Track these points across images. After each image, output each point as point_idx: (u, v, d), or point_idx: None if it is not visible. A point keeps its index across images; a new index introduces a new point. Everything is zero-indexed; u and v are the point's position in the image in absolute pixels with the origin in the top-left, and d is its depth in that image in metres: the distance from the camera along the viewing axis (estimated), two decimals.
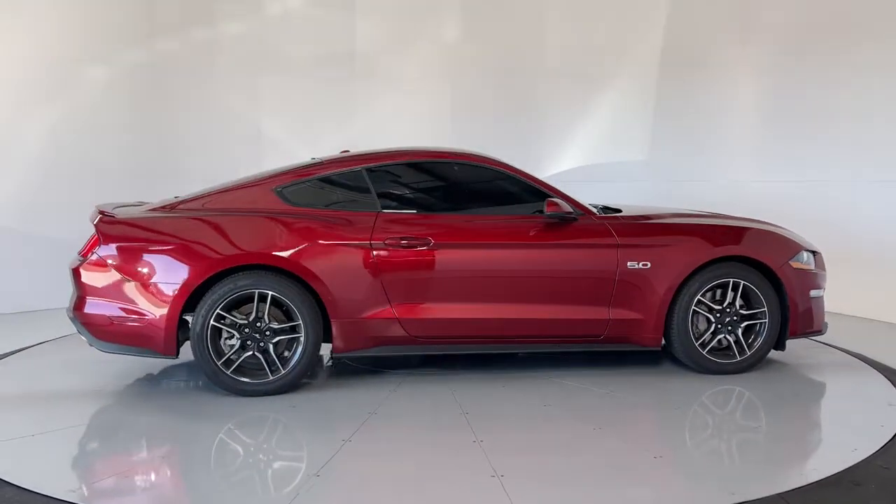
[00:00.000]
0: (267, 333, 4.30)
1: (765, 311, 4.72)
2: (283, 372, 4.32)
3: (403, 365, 5.00)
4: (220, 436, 3.72)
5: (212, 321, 4.23)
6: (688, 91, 7.88)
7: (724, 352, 4.78)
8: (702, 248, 4.68)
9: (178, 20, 7.90)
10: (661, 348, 4.76)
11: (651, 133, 8.13)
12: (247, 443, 3.67)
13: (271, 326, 4.30)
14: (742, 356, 4.75)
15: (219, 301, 4.23)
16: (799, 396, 4.41)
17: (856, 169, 6.73)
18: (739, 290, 4.70)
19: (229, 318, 4.27)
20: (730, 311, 4.72)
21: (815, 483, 3.09)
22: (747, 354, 4.75)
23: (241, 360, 4.29)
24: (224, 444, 3.64)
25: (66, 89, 7.20)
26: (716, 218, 5.07)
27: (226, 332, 4.29)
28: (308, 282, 4.31)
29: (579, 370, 4.83)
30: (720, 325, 4.73)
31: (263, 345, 4.30)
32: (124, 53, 7.58)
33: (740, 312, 4.73)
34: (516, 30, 8.28)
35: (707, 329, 4.74)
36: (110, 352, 4.41)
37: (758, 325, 4.75)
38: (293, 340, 4.35)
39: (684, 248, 4.67)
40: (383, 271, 4.41)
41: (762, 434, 3.81)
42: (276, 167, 4.96)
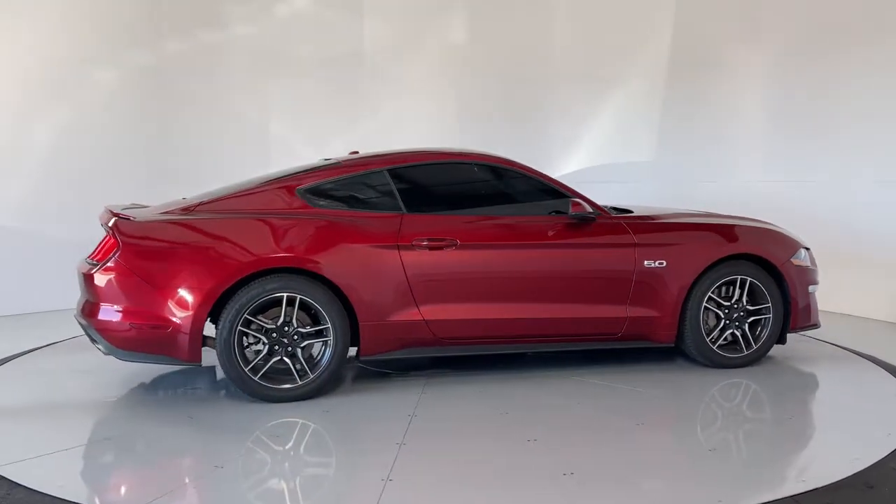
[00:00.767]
0: (295, 338, 4.21)
1: (769, 307, 4.92)
2: (312, 376, 4.24)
3: (410, 367, 4.96)
4: (268, 443, 3.63)
5: (239, 326, 4.11)
6: (695, 92, 7.88)
7: (732, 346, 4.95)
8: (713, 246, 4.84)
9: (186, 22, 7.88)
10: (674, 344, 4.89)
11: (658, 134, 8.14)
12: (300, 450, 3.59)
13: (299, 331, 4.21)
14: (748, 350, 4.93)
15: (247, 305, 4.11)
16: (812, 393, 4.60)
17: (864, 170, 6.69)
18: (746, 286, 4.89)
19: (255, 323, 4.16)
20: (737, 307, 4.90)
21: (828, 486, 3.07)
22: (754, 348, 4.94)
23: (268, 365, 4.18)
24: (281, 452, 3.56)
25: (75, 91, 7.21)
26: (713, 217, 5.24)
27: (251, 337, 4.18)
28: (337, 284, 4.23)
29: (592, 368, 4.90)
30: (728, 321, 4.90)
31: (291, 349, 4.21)
32: (132, 55, 7.58)
33: (747, 308, 4.92)
34: (523, 31, 8.29)
35: (716, 325, 4.90)
36: (129, 360, 4.24)
37: (762, 320, 4.94)
38: (320, 345, 4.27)
39: (697, 247, 4.83)
40: (410, 273, 4.38)
41: (781, 429, 3.93)
42: (289, 167, 4.87)
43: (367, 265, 4.33)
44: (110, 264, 4.10)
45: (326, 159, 5.01)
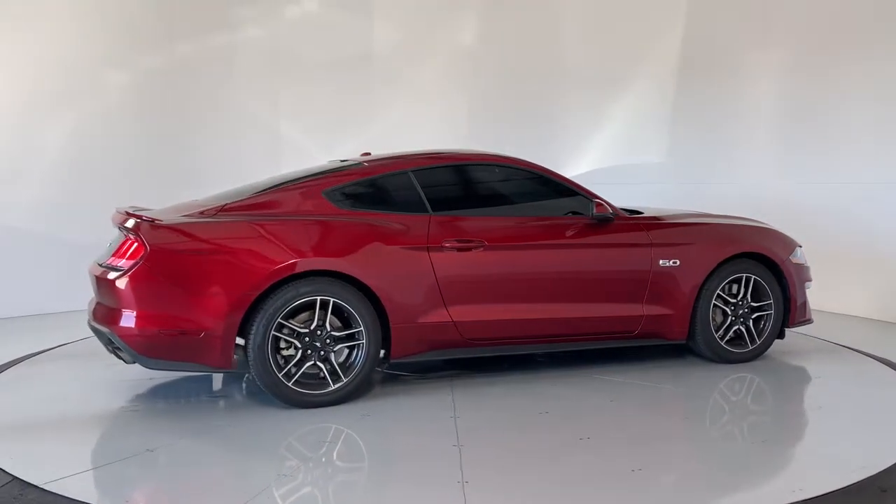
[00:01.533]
0: (328, 342, 4.14)
1: (771, 303, 5.12)
2: (345, 381, 4.17)
3: (421, 369, 4.93)
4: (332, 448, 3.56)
5: (273, 331, 4.02)
6: (706, 93, 7.86)
7: (737, 342, 5.13)
8: (722, 245, 5.01)
9: (196, 25, 7.87)
10: (686, 341, 5.03)
11: (669, 135, 8.15)
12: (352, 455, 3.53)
13: (332, 334, 4.14)
14: (753, 345, 5.12)
15: (281, 309, 4.02)
16: (820, 392, 4.74)
17: (874, 171, 6.66)
18: (751, 284, 5.08)
19: (286, 328, 4.07)
20: (742, 303, 5.09)
21: (840, 490, 3.03)
22: (758, 343, 5.13)
23: (301, 370, 4.10)
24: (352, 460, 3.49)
25: (86, 93, 7.24)
26: (711, 217, 5.40)
27: (283, 341, 4.09)
28: (370, 287, 4.18)
29: (604, 366, 4.99)
30: (734, 318, 5.08)
31: (324, 354, 4.13)
32: (143, 58, 7.59)
33: (751, 305, 5.11)
34: (533, 33, 8.27)
35: (723, 321, 5.07)
36: (155, 368, 4.08)
37: (765, 316, 5.14)
38: (352, 348, 4.21)
39: (708, 247, 4.99)
40: (440, 274, 4.37)
41: (796, 429, 4.07)
42: (306, 168, 4.80)
43: (398, 267, 4.29)
44: (136, 268, 3.93)
45: (343, 161, 4.95)
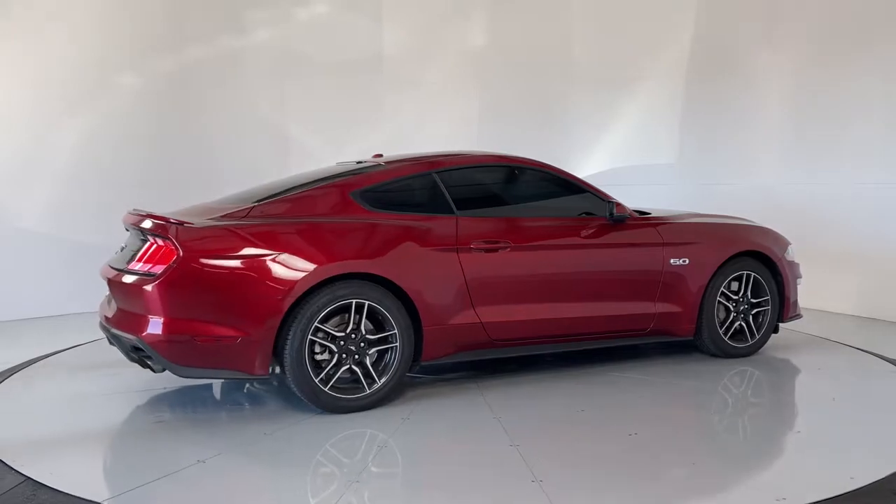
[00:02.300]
0: (362, 345, 4.08)
1: (768, 299, 5.34)
2: (380, 384, 4.13)
3: (434, 371, 4.93)
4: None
5: (310, 335, 3.94)
6: (715, 94, 7.87)
7: (737, 337, 5.32)
8: (727, 244, 5.20)
9: (207, 28, 7.88)
10: (693, 337, 5.19)
11: (678, 136, 8.19)
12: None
13: (367, 338, 4.09)
14: (753, 340, 5.33)
15: (318, 313, 3.94)
16: (827, 389, 4.86)
17: (885, 171, 6.70)
18: (751, 281, 5.28)
19: (322, 332, 4.00)
20: (743, 300, 5.29)
21: (851, 492, 3.05)
22: (757, 338, 5.34)
23: (337, 375, 4.03)
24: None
25: (98, 96, 7.27)
26: (707, 217, 5.58)
27: (318, 346, 4.01)
28: (404, 289, 4.15)
29: (619, 364, 5.10)
30: (736, 313, 5.27)
31: (359, 357, 4.08)
32: (154, 61, 7.62)
33: (750, 301, 5.31)
34: (542, 34, 8.27)
35: (726, 317, 5.26)
36: (188, 376, 3.94)
37: (763, 311, 5.35)
38: (382, 352, 4.17)
39: (714, 246, 5.16)
40: (469, 275, 4.38)
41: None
42: (315, 169, 4.77)
43: (430, 269, 4.28)
44: (169, 273, 3.78)
45: (359, 162, 4.90)
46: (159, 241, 3.91)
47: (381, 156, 5.10)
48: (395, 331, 4.13)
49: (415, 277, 4.20)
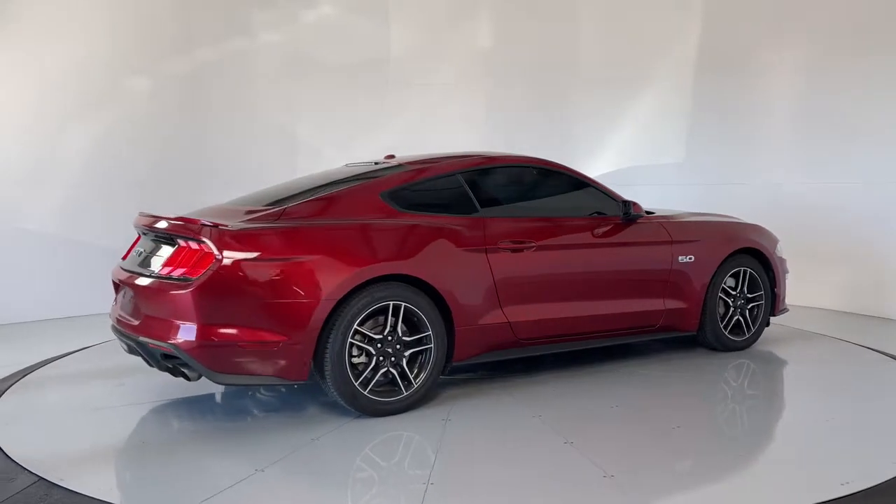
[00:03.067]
0: (398, 347, 4.05)
1: (762, 294, 5.56)
2: (416, 386, 4.10)
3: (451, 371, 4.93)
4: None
5: (349, 338, 3.87)
6: (724, 93, 7.82)
7: (734, 331, 5.51)
8: (727, 242, 5.39)
9: (217, 30, 7.90)
10: (696, 332, 5.35)
11: (687, 136, 8.18)
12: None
13: (403, 339, 4.05)
14: (749, 333, 5.54)
15: (357, 315, 3.89)
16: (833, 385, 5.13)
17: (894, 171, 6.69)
18: (747, 277, 5.49)
19: (360, 334, 3.94)
20: (740, 295, 5.48)
21: (863, 492, 3.05)
22: (753, 331, 5.56)
23: (376, 378, 3.97)
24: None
25: (110, 99, 7.29)
26: (703, 216, 5.75)
27: (355, 349, 3.95)
28: (439, 290, 4.13)
29: (622, 361, 5.20)
30: (734, 308, 5.47)
31: (396, 360, 4.04)
32: (163, 63, 7.62)
33: (746, 296, 5.52)
34: (550, 33, 8.22)
35: (725, 312, 5.44)
36: (227, 383, 3.84)
37: (757, 306, 5.57)
38: (415, 354, 4.13)
39: (716, 243, 5.34)
40: (497, 275, 4.39)
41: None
42: (326, 170, 4.78)
43: (462, 269, 4.27)
44: (207, 278, 3.65)
45: (376, 163, 4.85)
46: (192, 245, 3.77)
47: (393, 156, 5.06)
48: (430, 332, 4.11)
49: (448, 278, 4.19)
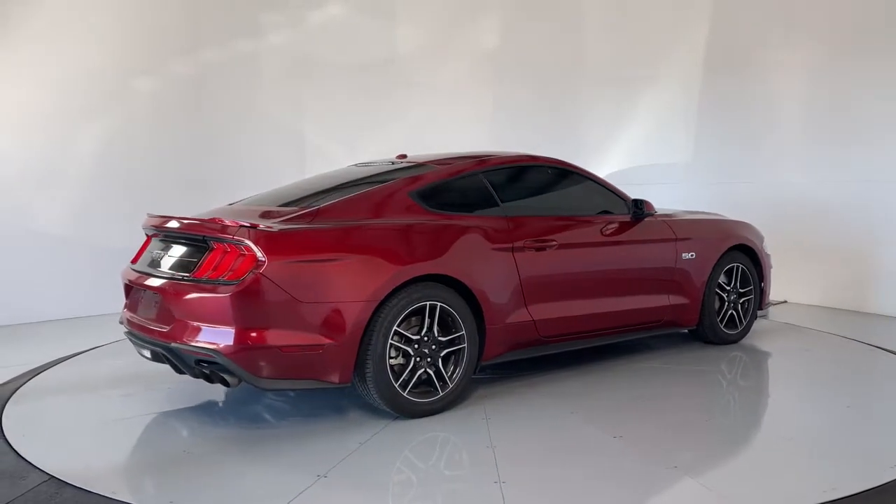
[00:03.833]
0: (433, 347, 4.02)
1: (752, 289, 5.78)
2: (452, 386, 4.08)
3: None
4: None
5: (390, 339, 3.83)
6: (730, 92, 7.82)
7: (728, 324, 5.69)
8: (723, 239, 5.57)
9: (224, 31, 7.88)
10: (696, 327, 5.51)
11: (694, 135, 8.19)
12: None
13: (439, 340, 4.03)
14: (741, 326, 5.75)
15: (397, 317, 3.85)
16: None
17: None
18: (740, 272, 5.69)
19: (397, 335, 3.90)
20: (733, 290, 5.68)
21: (875, 489, 3.05)
22: (744, 324, 5.77)
23: (414, 379, 3.94)
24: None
25: (118, 100, 7.30)
26: (699, 214, 5.92)
27: (393, 350, 3.90)
28: (471, 290, 4.13)
29: (624, 358, 5.29)
30: (728, 303, 5.66)
31: (432, 360, 4.01)
32: (171, 65, 7.63)
33: (739, 291, 5.72)
34: (556, 34, 8.21)
35: (720, 307, 5.63)
36: (271, 388, 3.70)
37: (748, 300, 5.78)
38: (449, 354, 4.11)
39: (714, 240, 5.52)
40: (523, 274, 4.42)
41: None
42: (335, 170, 4.80)
43: (491, 268, 4.28)
44: (250, 281, 3.54)
45: (392, 162, 4.80)
46: (228, 247, 3.65)
47: (405, 156, 5.03)
48: (464, 331, 4.10)
49: (479, 277, 4.19)
